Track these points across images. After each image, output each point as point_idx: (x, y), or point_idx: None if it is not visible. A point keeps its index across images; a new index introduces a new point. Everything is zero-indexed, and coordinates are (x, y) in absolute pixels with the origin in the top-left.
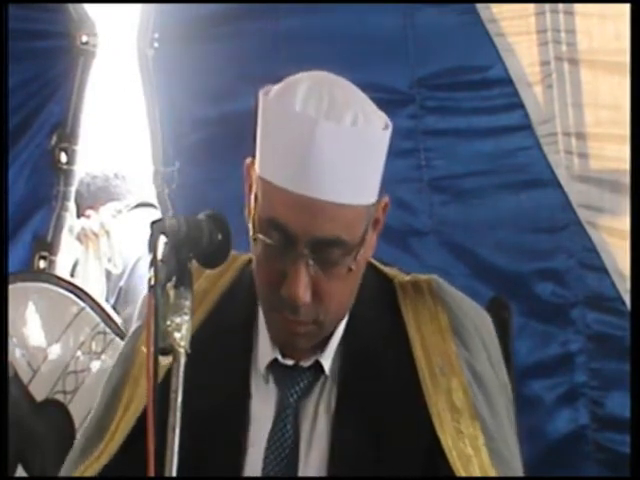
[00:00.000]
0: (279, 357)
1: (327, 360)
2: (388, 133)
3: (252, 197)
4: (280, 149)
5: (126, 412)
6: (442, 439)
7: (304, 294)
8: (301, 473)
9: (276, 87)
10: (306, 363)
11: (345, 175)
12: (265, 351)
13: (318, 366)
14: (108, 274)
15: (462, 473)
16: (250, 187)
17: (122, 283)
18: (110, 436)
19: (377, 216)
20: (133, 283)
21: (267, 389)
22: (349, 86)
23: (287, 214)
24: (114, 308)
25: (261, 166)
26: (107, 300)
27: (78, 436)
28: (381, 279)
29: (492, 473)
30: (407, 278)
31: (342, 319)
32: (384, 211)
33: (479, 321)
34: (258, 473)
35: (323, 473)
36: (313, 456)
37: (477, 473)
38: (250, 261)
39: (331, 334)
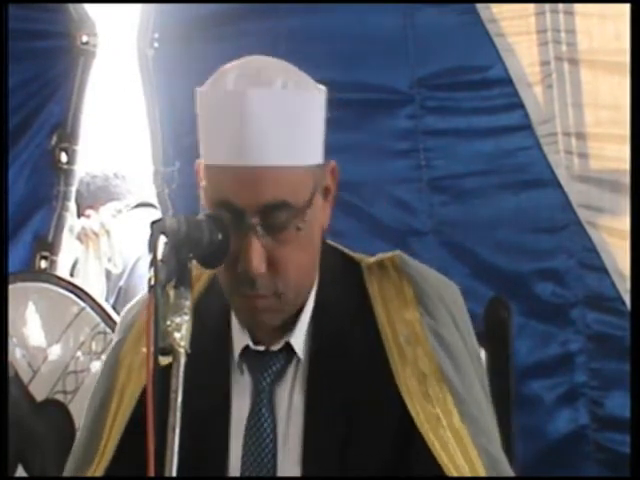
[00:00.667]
0: (250, 344)
1: (297, 341)
2: (321, 95)
3: (202, 191)
4: (217, 130)
5: (114, 425)
6: (409, 405)
7: (258, 264)
8: (280, 459)
9: (209, 79)
10: (276, 347)
11: (280, 138)
12: (237, 340)
13: (289, 349)
14: (108, 274)
15: (431, 435)
16: (199, 184)
17: (122, 283)
18: (101, 451)
19: (327, 183)
20: (133, 283)
21: (243, 379)
22: (280, 62)
23: (231, 189)
24: (114, 308)
25: (205, 154)
26: (107, 300)
27: (70, 457)
28: (347, 262)
29: (463, 432)
30: (372, 259)
31: (304, 292)
32: (334, 177)
33: (444, 291)
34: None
35: (300, 456)
36: (291, 439)
37: (447, 434)
38: None
39: (298, 314)
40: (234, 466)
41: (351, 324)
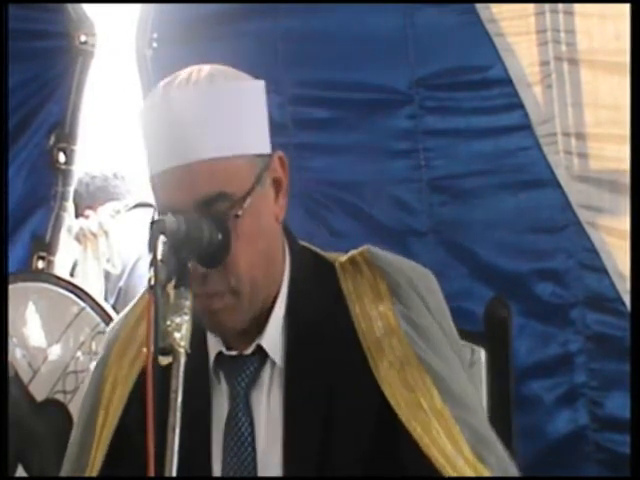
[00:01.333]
0: (223, 349)
1: (268, 343)
2: (255, 85)
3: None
4: (153, 139)
5: (100, 440)
6: (389, 395)
7: None
8: (261, 461)
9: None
10: (248, 350)
11: (209, 130)
12: (212, 347)
13: (263, 352)
14: (107, 274)
15: (412, 421)
16: None
17: (122, 283)
18: (90, 464)
19: (276, 175)
20: (133, 283)
21: (220, 384)
22: (214, 66)
23: (169, 193)
24: (114, 308)
25: (149, 168)
26: (106, 300)
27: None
28: (321, 262)
29: (445, 411)
30: (345, 257)
31: (263, 289)
32: (284, 168)
33: (415, 277)
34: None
35: (280, 458)
36: (271, 441)
37: (429, 416)
38: None
39: (268, 316)
40: (217, 471)
41: (326, 323)
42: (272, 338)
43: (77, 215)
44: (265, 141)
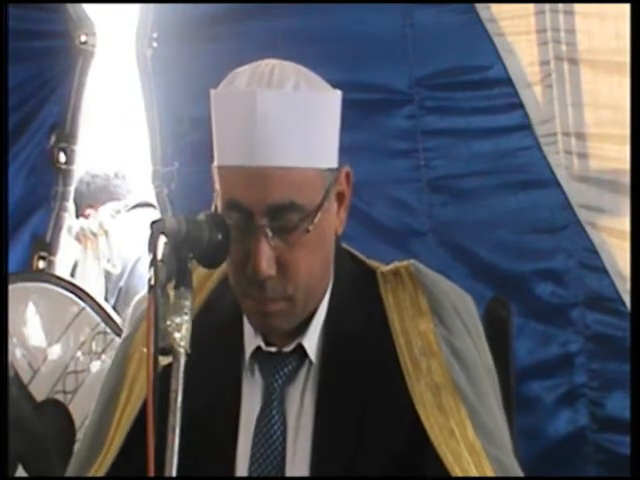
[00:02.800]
0: (262, 345)
1: (309, 343)
2: (335, 98)
3: (215, 193)
4: (230, 131)
5: (122, 417)
6: (423, 417)
7: (267, 267)
8: (289, 461)
9: (223, 81)
10: (288, 348)
11: (290, 138)
12: (249, 341)
13: (302, 351)
14: (108, 274)
15: (444, 447)
16: (214, 187)
17: (122, 283)
18: (109, 442)
19: (341, 188)
20: (133, 283)
21: (254, 380)
22: (293, 64)
23: (241, 189)
24: (114, 308)
25: (218, 156)
26: (107, 300)
27: (76, 448)
28: (363, 269)
29: (477, 445)
30: (387, 268)
31: (315, 296)
32: (348, 183)
33: (459, 301)
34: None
35: (309, 459)
36: (300, 443)
37: (461, 446)
38: None
39: (311, 317)
40: (242, 467)
41: (365, 331)
42: (313, 339)
43: (78, 214)
44: (335, 155)
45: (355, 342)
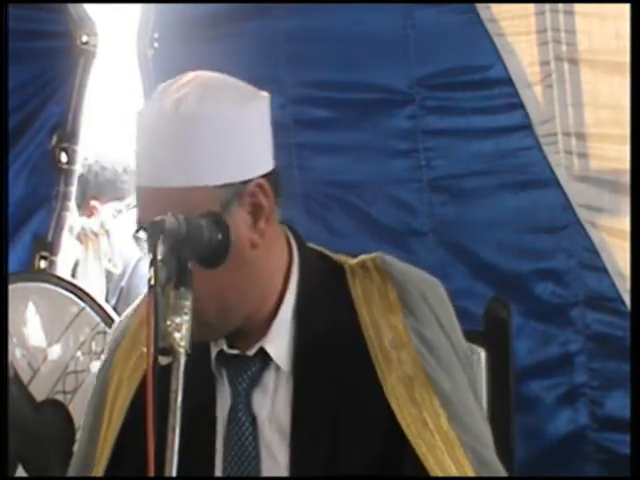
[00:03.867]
0: (224, 348)
1: (272, 346)
2: (242, 112)
3: None
4: (137, 151)
5: (107, 435)
6: (396, 409)
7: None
8: (264, 463)
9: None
10: (251, 351)
11: (165, 159)
12: (213, 345)
13: (265, 354)
14: (109, 274)
15: (418, 439)
16: None
17: (123, 283)
18: (96, 463)
19: (253, 200)
20: (134, 283)
21: (223, 382)
22: (213, 77)
23: (140, 208)
24: (115, 309)
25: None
26: (108, 301)
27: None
28: (330, 265)
29: (451, 434)
30: (355, 261)
31: (238, 313)
32: (264, 193)
33: (428, 290)
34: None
35: (286, 461)
36: (275, 446)
37: (435, 436)
38: None
39: (272, 320)
40: (220, 468)
41: (335, 327)
42: (277, 342)
43: (82, 205)
44: (234, 170)
45: (324, 339)
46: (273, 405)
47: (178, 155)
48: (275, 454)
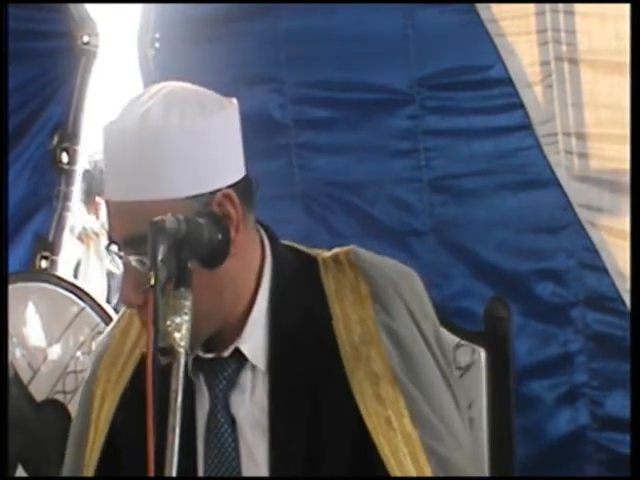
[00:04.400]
0: (200, 353)
1: (247, 346)
2: (190, 128)
3: None
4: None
5: (92, 451)
6: (361, 407)
7: (129, 296)
8: (244, 464)
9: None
10: (226, 353)
11: (131, 173)
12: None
13: (241, 354)
14: (110, 273)
15: (381, 439)
16: None
17: None
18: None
19: (221, 210)
20: None
21: (200, 386)
22: (181, 87)
23: (110, 222)
24: (116, 309)
25: None
26: (110, 300)
27: None
28: (303, 259)
29: (414, 436)
30: (328, 254)
31: (211, 319)
32: (232, 203)
33: (402, 282)
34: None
35: (266, 461)
36: (255, 446)
37: (398, 437)
38: None
39: (246, 319)
40: (202, 472)
41: (308, 323)
42: (251, 341)
43: (87, 200)
44: (205, 180)
45: (298, 336)
46: (251, 405)
47: (144, 168)
48: (255, 453)
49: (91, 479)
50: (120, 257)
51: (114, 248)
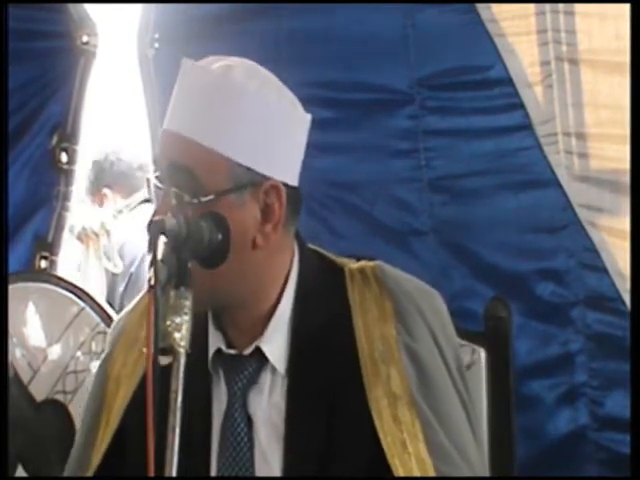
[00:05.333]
0: (222, 346)
1: (269, 346)
2: (270, 102)
3: None
4: (173, 98)
5: (104, 435)
6: (378, 426)
7: (160, 214)
8: (258, 464)
9: None
10: (247, 351)
11: (200, 112)
12: (212, 342)
13: (261, 353)
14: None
15: (396, 461)
16: None
17: (133, 269)
18: (93, 462)
19: (267, 200)
20: (143, 270)
21: (219, 382)
22: (260, 68)
23: (161, 150)
24: (123, 295)
25: None
26: (117, 288)
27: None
28: (330, 267)
29: (427, 462)
30: (355, 265)
31: (231, 299)
32: (279, 198)
33: (424, 301)
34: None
35: (280, 462)
36: (270, 447)
37: (412, 460)
38: None
39: (269, 319)
40: (215, 468)
41: (330, 331)
42: (273, 342)
43: (94, 191)
44: (264, 160)
45: (320, 343)
46: (268, 406)
47: (213, 114)
48: (269, 455)
49: (91, 479)
50: (159, 188)
51: (154, 180)
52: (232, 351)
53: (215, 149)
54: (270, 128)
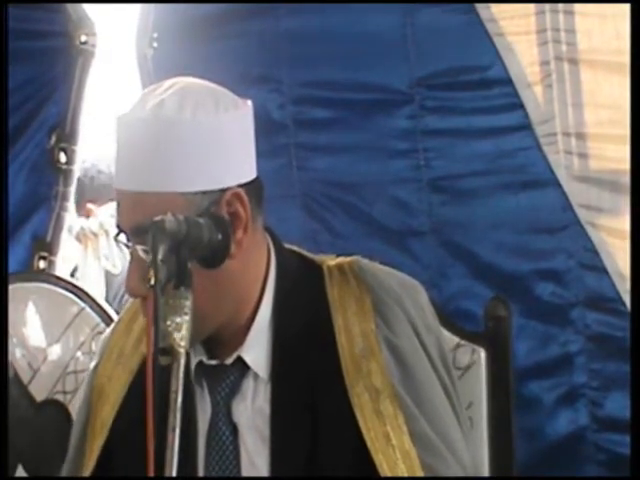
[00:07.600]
0: (203, 358)
1: (249, 354)
2: (223, 121)
3: None
4: (116, 154)
5: (92, 449)
6: (361, 421)
7: (134, 285)
8: (245, 472)
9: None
10: (229, 360)
11: (142, 164)
12: (194, 354)
13: (244, 362)
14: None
15: (380, 455)
16: None
17: None
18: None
19: (230, 210)
20: None
21: (203, 393)
22: (196, 83)
23: (118, 211)
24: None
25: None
26: (111, 297)
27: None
28: (308, 266)
29: (412, 454)
30: (333, 262)
31: (212, 320)
32: (241, 202)
33: (405, 295)
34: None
35: (267, 468)
36: (256, 454)
37: (397, 454)
38: None
39: (248, 328)
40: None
41: (310, 332)
42: (254, 350)
43: (79, 207)
44: (215, 177)
45: (300, 345)
46: (252, 412)
47: (155, 160)
48: (256, 461)
49: (91, 479)
50: (128, 247)
51: (122, 238)
52: (214, 362)
53: (166, 191)
54: (215, 144)
